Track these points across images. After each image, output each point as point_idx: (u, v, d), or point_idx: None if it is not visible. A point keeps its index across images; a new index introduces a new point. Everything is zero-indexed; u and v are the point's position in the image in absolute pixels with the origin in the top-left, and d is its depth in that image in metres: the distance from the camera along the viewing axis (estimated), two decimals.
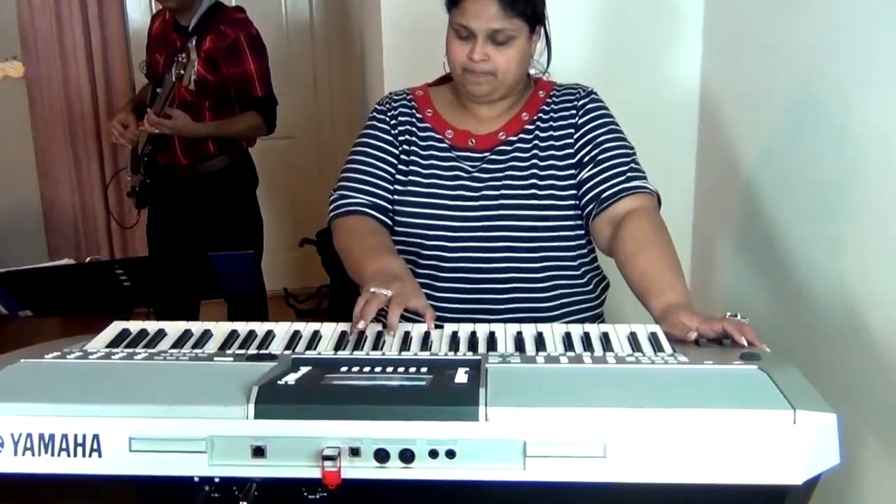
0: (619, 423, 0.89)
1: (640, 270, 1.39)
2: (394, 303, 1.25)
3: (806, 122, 1.86)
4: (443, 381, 0.97)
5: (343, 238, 1.54)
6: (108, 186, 4.01)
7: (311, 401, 0.92)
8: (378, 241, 1.50)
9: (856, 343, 1.66)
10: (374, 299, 1.25)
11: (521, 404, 0.91)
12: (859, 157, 1.66)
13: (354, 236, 1.52)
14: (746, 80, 2.17)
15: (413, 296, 1.29)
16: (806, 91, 1.86)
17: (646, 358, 1.08)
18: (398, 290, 1.27)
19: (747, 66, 2.16)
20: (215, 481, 0.92)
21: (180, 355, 1.11)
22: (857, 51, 1.67)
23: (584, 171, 1.54)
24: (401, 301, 1.26)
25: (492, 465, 0.89)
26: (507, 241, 1.53)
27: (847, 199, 1.71)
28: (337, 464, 0.89)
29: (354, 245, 1.49)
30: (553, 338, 1.20)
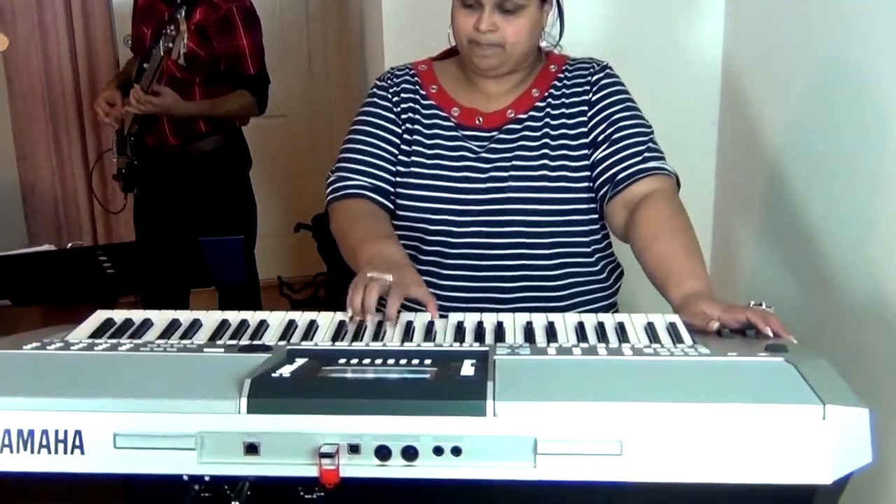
0: (636, 419, 0.89)
1: (657, 257, 1.38)
2: (393, 292, 1.24)
3: (834, 99, 1.85)
4: (448, 373, 0.97)
5: (340, 222, 1.54)
6: (93, 169, 4.01)
7: (307, 394, 0.92)
8: (377, 225, 1.50)
9: (888, 333, 1.66)
10: (374, 284, 1.24)
11: (532, 398, 0.90)
12: (890, 135, 1.65)
13: (352, 220, 1.52)
14: (771, 54, 2.15)
15: (413, 284, 1.29)
16: (834, 65, 1.85)
17: (664, 349, 1.07)
18: (397, 279, 1.26)
19: (772, 39, 2.15)
20: (205, 480, 0.91)
21: (168, 346, 1.10)
22: (887, 22, 1.66)
23: (599, 152, 1.54)
24: (400, 290, 1.25)
25: (500, 464, 0.89)
26: (516, 225, 1.52)
27: (877, 179, 1.70)
28: (335, 461, 0.89)
29: (352, 229, 1.49)
30: (565, 328, 1.20)
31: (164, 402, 0.92)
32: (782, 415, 0.88)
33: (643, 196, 1.48)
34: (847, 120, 1.80)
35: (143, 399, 0.92)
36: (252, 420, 0.90)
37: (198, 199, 2.95)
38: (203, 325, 1.23)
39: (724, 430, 0.88)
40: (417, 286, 1.29)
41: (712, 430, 0.88)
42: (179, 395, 0.93)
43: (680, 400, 0.90)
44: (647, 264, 1.40)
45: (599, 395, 0.91)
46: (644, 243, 1.42)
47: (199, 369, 1.02)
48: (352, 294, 1.25)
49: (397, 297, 1.24)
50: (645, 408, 0.89)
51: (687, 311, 1.24)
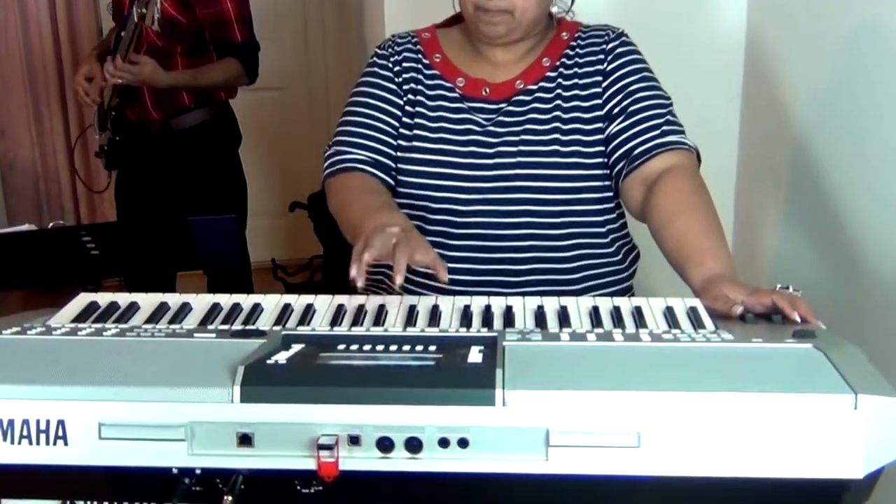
0: (655, 409, 0.88)
1: (676, 237, 1.38)
2: (400, 246, 1.21)
3: (867, 69, 1.84)
4: (454, 360, 0.96)
5: (339, 198, 1.54)
6: (75, 145, 4.01)
7: (304, 382, 0.92)
8: (379, 199, 1.49)
9: None
10: (376, 238, 1.22)
11: (544, 387, 0.90)
12: None
13: (351, 194, 1.51)
14: (799, 21, 2.14)
15: (421, 248, 1.26)
16: (867, 32, 1.84)
17: (685, 335, 1.07)
18: (403, 238, 1.24)
19: (800, 5, 2.13)
20: (196, 473, 0.92)
21: (156, 331, 1.10)
22: None
23: (614, 125, 1.53)
24: (407, 248, 1.22)
25: (510, 456, 0.89)
26: (525, 204, 1.52)
27: None
28: (334, 454, 0.88)
29: (351, 204, 1.48)
30: (578, 312, 1.19)
31: (152, 390, 0.91)
32: (811, 405, 0.88)
33: (661, 172, 1.48)
34: (880, 92, 1.78)
35: (130, 387, 0.92)
36: (246, 409, 0.90)
37: (183, 176, 2.94)
38: (193, 309, 1.23)
39: (749, 421, 0.88)
40: (426, 250, 1.26)
41: (736, 422, 0.88)
42: (168, 382, 0.92)
43: (701, 389, 0.89)
44: (665, 245, 1.40)
45: (616, 384, 0.91)
46: (662, 222, 1.41)
47: (189, 355, 1.02)
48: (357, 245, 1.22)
49: (405, 252, 1.21)
50: (664, 397, 0.89)
51: (708, 294, 1.24)
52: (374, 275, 1.64)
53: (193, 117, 2.92)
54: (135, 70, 2.70)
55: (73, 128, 4.19)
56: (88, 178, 4.08)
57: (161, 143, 2.93)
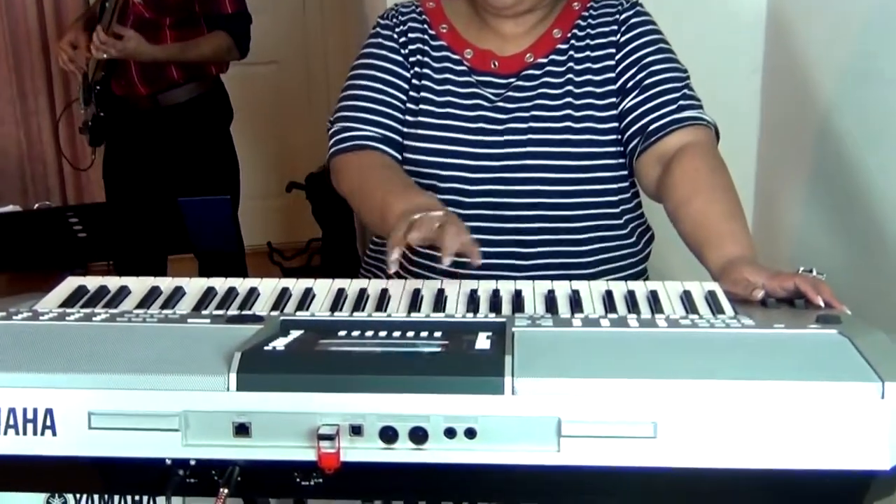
0: (672, 398, 0.88)
1: (694, 218, 1.38)
2: (450, 223, 1.21)
3: (892, 44, 1.83)
4: (460, 347, 0.96)
5: (353, 178, 1.53)
6: (59, 121, 4.00)
7: (303, 369, 0.92)
8: (401, 178, 1.48)
9: None
10: (424, 219, 1.21)
11: (555, 374, 0.90)
12: None
13: (369, 173, 1.50)
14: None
15: (463, 228, 1.25)
16: (892, 6, 1.83)
17: (703, 321, 1.07)
18: (450, 223, 1.23)
19: None
20: (191, 464, 0.92)
21: (147, 316, 1.10)
22: None
23: (628, 100, 1.53)
24: (455, 223, 1.22)
25: (519, 447, 0.89)
26: (536, 183, 1.52)
27: None
28: (335, 444, 0.89)
29: (371, 184, 1.47)
30: (591, 297, 1.19)
31: (145, 377, 0.92)
32: (836, 393, 0.88)
33: (678, 149, 1.47)
34: None
35: (121, 374, 0.92)
36: (242, 398, 0.90)
37: (172, 155, 2.93)
38: (186, 294, 1.23)
39: (771, 410, 0.88)
40: (465, 230, 1.25)
41: (757, 411, 0.88)
42: (161, 370, 0.92)
43: (721, 377, 0.90)
44: (682, 226, 1.40)
45: (630, 372, 0.91)
46: (679, 203, 1.41)
47: (182, 342, 1.02)
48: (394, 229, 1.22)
49: (454, 227, 1.20)
50: (681, 385, 0.89)
51: (728, 278, 1.24)
52: (378, 254, 1.64)
53: (182, 93, 2.92)
54: (119, 45, 2.70)
55: (59, 105, 4.19)
56: (74, 156, 4.07)
57: (148, 120, 2.92)
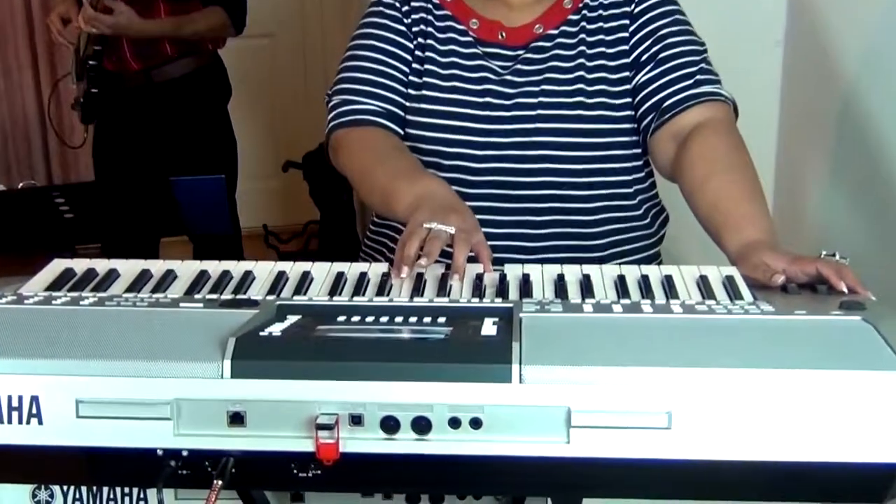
0: (687, 387, 0.88)
1: (711, 199, 1.38)
2: (460, 240, 1.22)
3: None
4: (466, 333, 0.96)
5: (356, 156, 1.53)
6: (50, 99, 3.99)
7: (301, 356, 0.92)
8: (408, 159, 1.48)
9: None
10: (435, 238, 1.22)
11: (565, 362, 0.90)
12: None
13: (374, 153, 1.50)
14: None
15: (475, 230, 1.28)
16: None
17: (720, 307, 1.07)
18: (460, 225, 1.25)
19: None
20: (183, 455, 0.92)
21: (137, 301, 1.10)
22: None
23: (642, 74, 1.53)
24: (466, 237, 1.23)
25: (527, 438, 0.89)
26: (546, 161, 1.52)
27: None
28: (334, 434, 0.89)
29: (375, 163, 1.48)
30: (603, 281, 1.19)
31: (135, 364, 0.92)
32: (860, 383, 0.88)
33: (694, 127, 1.47)
34: None
35: (110, 361, 0.92)
36: (237, 385, 0.90)
37: (166, 133, 2.94)
38: (178, 277, 1.23)
39: (791, 400, 0.88)
40: (478, 232, 1.28)
41: (776, 401, 0.88)
42: (152, 356, 0.92)
43: (739, 365, 0.89)
44: (698, 208, 1.40)
45: (644, 360, 0.90)
46: (695, 183, 1.41)
47: (174, 327, 1.02)
48: (407, 240, 1.22)
49: (465, 244, 1.22)
50: (697, 374, 0.89)
51: (746, 262, 1.24)
52: (379, 236, 1.64)
53: (176, 68, 2.92)
54: (108, 21, 2.70)
55: (45, 80, 4.18)
56: (62, 132, 4.07)
57: (141, 97, 2.92)
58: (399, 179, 1.40)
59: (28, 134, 4.29)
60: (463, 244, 1.22)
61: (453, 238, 1.23)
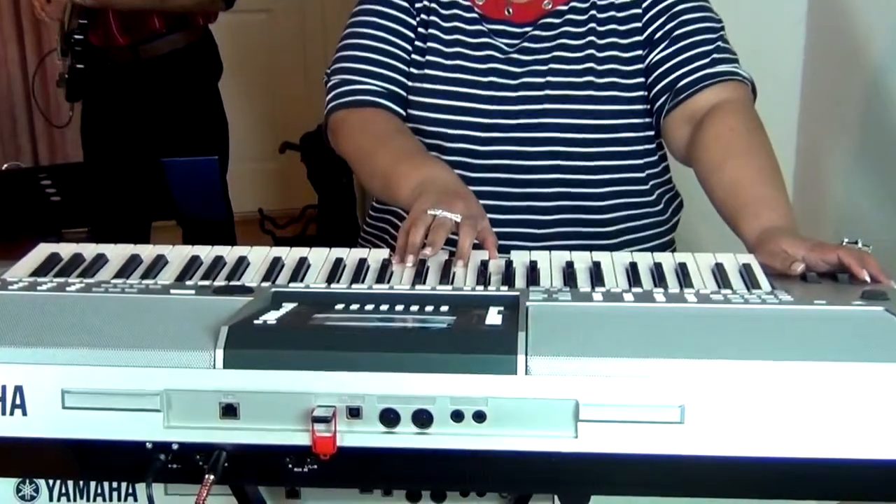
0: (701, 380, 0.88)
1: (727, 184, 1.38)
2: (465, 227, 1.23)
3: None
4: (469, 322, 0.97)
5: (356, 138, 1.53)
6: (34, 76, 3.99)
7: (296, 345, 0.92)
8: (411, 143, 1.49)
9: None
10: (440, 226, 1.23)
11: (573, 353, 0.90)
12: None
13: (375, 136, 1.51)
14: None
15: (480, 217, 1.29)
16: None
17: (737, 296, 1.07)
18: (465, 212, 1.26)
19: None
20: (173, 448, 0.92)
21: (126, 287, 1.11)
22: None
23: (656, 52, 1.53)
24: (472, 224, 1.24)
25: (533, 432, 0.89)
26: (554, 143, 1.52)
27: None
28: (331, 427, 0.89)
29: (377, 147, 1.48)
30: (614, 269, 1.20)
31: (123, 353, 0.92)
32: (882, 376, 0.88)
33: (710, 108, 1.47)
34: None
35: (97, 349, 0.92)
36: (230, 376, 0.91)
37: (155, 112, 2.93)
38: (169, 263, 1.23)
39: (810, 394, 0.88)
40: (483, 219, 1.29)
41: (795, 395, 0.88)
42: (141, 345, 0.92)
43: (755, 357, 0.89)
44: (714, 193, 1.40)
45: (656, 351, 0.91)
46: (711, 167, 1.41)
47: (164, 315, 1.02)
48: (411, 227, 1.23)
49: (471, 232, 1.23)
50: (712, 366, 0.89)
51: (764, 249, 1.24)
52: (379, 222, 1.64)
53: (165, 44, 2.91)
54: None
55: (31, 56, 4.18)
56: (48, 111, 4.07)
57: (129, 74, 2.92)
58: (401, 163, 1.41)
59: (13, 113, 4.29)
60: (468, 230, 1.22)
61: (458, 225, 1.23)
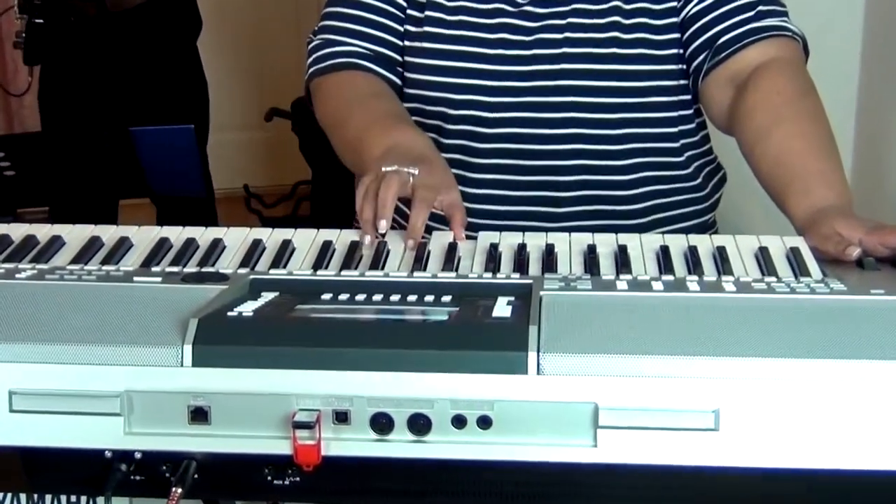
0: (739, 381, 0.88)
1: (774, 155, 1.38)
2: (419, 194, 1.24)
3: None
4: (475, 314, 0.97)
5: (331, 104, 1.54)
6: None
7: (276, 341, 0.92)
8: (387, 106, 1.50)
9: None
10: (391, 178, 1.23)
11: (592, 350, 0.90)
12: None
13: (349, 101, 1.52)
14: None
15: (444, 186, 1.29)
16: None
17: (783, 285, 1.07)
18: (425, 176, 1.27)
19: None
20: (136, 458, 0.92)
21: (84, 274, 1.11)
22: None
23: (692, 4, 1.53)
24: (430, 192, 1.25)
25: (546, 440, 0.89)
26: (572, 110, 1.52)
27: None
28: (315, 434, 0.89)
29: (350, 113, 1.49)
30: (642, 254, 1.20)
31: (79, 349, 0.92)
32: None
33: (755, 68, 1.48)
34: None
35: (49, 345, 0.92)
36: (200, 375, 0.91)
37: (123, 74, 2.94)
38: (134, 246, 1.23)
39: (864, 397, 0.87)
40: (449, 189, 1.30)
41: (847, 398, 0.87)
42: (99, 340, 0.93)
43: (802, 356, 0.89)
44: (759, 165, 1.40)
45: (688, 348, 0.90)
46: (756, 135, 1.41)
47: (126, 305, 1.02)
48: (360, 199, 1.24)
49: (425, 203, 1.23)
50: (752, 365, 0.89)
51: (816, 231, 1.24)
52: None
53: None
54: None
55: None
56: (5, 77, 4.08)
57: (94, 29, 2.92)
58: (370, 129, 1.42)
59: None
60: (422, 203, 1.23)
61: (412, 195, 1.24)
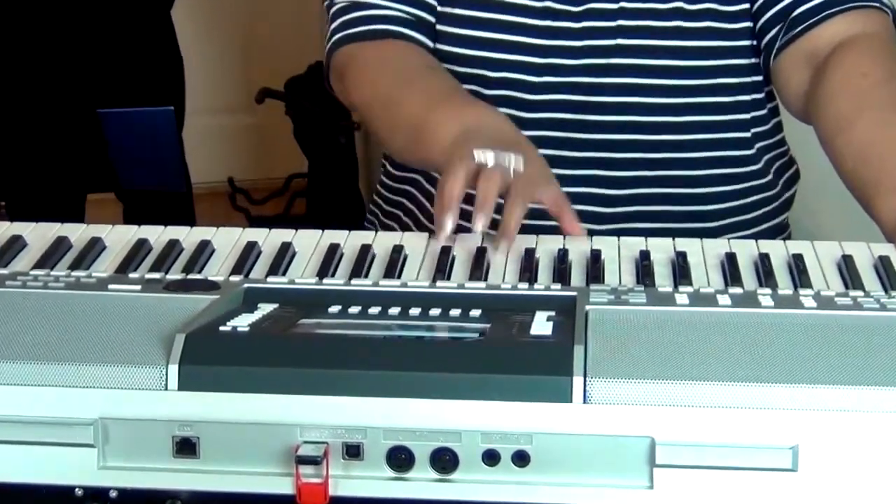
0: (821, 414, 0.88)
1: (859, 147, 1.39)
2: (517, 188, 1.21)
3: None
4: (509, 331, 0.97)
5: (374, 81, 1.54)
6: None
7: (277, 361, 0.92)
8: (451, 83, 1.49)
9: None
10: (494, 171, 1.21)
11: (648, 375, 0.90)
12: None
13: (400, 76, 1.52)
14: None
15: (544, 178, 1.28)
16: None
17: (871, 300, 1.07)
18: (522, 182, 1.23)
19: None
20: (111, 496, 0.92)
21: (51, 280, 1.11)
22: None
23: None
24: (529, 186, 1.23)
25: (593, 481, 0.90)
26: (628, 92, 1.53)
27: None
28: (322, 471, 0.89)
29: (403, 90, 1.48)
30: (704, 262, 1.20)
31: (45, 368, 0.92)
32: None
33: (837, 45, 1.48)
34: None
35: (11, 364, 0.93)
36: (187, 401, 0.91)
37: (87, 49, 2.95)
38: (108, 248, 1.24)
39: None
40: (549, 181, 1.29)
41: None
42: (69, 357, 0.93)
43: (893, 384, 0.89)
44: (842, 159, 1.41)
45: (760, 374, 0.91)
46: (838, 124, 1.42)
47: (100, 318, 1.02)
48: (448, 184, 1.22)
49: (522, 199, 1.21)
50: (837, 395, 0.89)
51: None
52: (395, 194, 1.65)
53: None
54: None
55: None
56: None
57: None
58: (437, 109, 1.40)
59: None
60: (519, 198, 1.21)
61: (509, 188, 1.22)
